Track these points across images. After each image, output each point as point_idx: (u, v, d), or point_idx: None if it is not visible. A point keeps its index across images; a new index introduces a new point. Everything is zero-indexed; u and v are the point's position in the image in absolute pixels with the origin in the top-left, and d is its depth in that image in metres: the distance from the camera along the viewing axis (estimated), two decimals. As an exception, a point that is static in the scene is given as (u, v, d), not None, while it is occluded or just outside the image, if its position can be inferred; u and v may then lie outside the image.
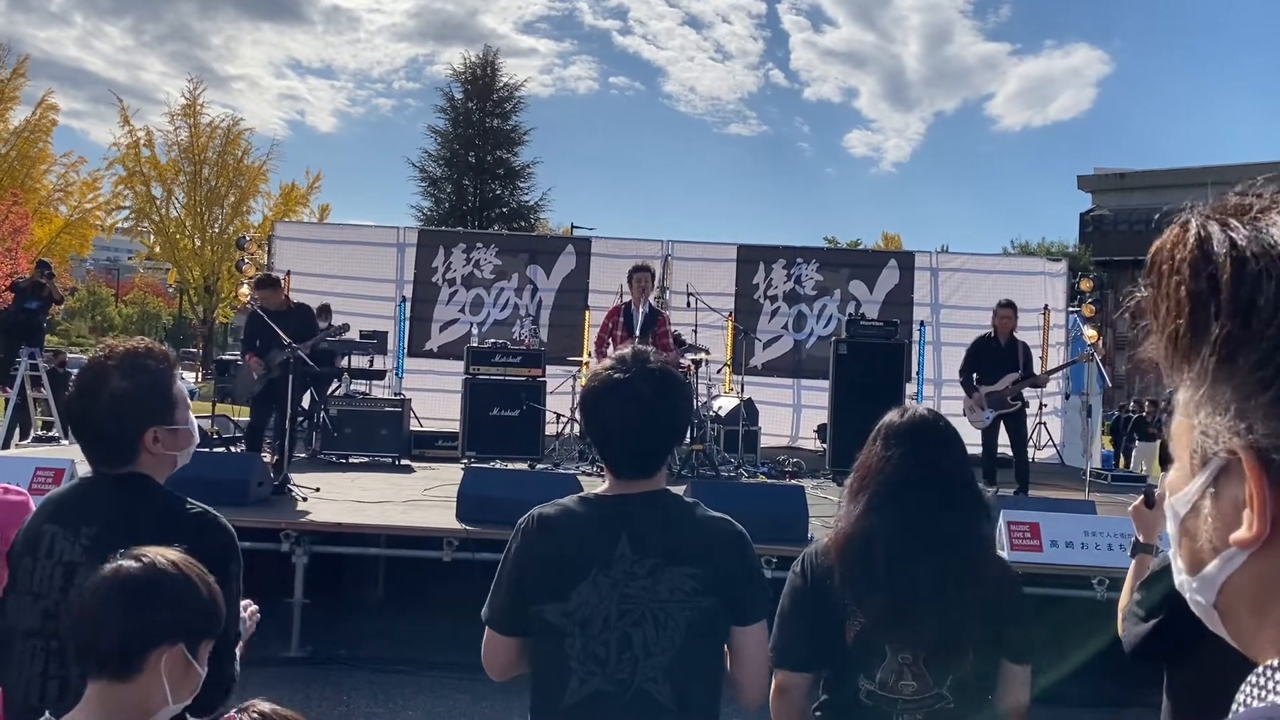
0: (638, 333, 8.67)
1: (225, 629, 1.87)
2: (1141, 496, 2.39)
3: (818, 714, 2.31)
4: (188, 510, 2.02)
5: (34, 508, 2.45)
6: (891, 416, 2.34)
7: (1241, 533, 0.62)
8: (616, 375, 2.01)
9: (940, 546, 2.15)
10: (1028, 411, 9.60)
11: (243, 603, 2.11)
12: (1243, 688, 0.63)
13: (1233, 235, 0.63)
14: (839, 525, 2.27)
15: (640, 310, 9.06)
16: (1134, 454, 19.20)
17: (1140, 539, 2.39)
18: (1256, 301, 0.60)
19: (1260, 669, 0.62)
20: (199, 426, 2.21)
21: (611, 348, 8.27)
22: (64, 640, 1.90)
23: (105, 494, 2.01)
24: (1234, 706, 0.63)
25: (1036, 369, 9.64)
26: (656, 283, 13.25)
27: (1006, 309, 8.99)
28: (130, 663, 1.60)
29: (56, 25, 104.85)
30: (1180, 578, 0.70)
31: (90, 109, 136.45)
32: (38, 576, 1.94)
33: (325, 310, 11.29)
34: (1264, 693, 0.61)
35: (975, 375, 8.97)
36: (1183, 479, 0.68)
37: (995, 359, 8.91)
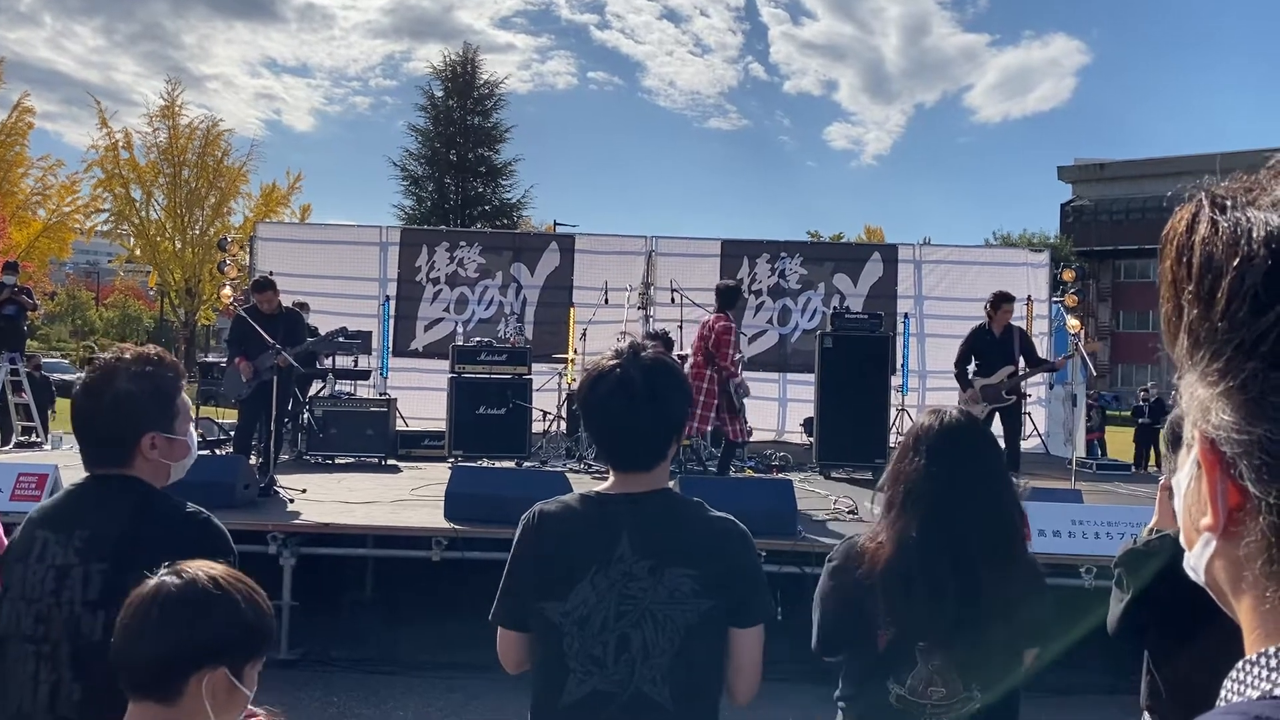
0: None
1: None
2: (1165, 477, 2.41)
3: (841, 705, 2.31)
4: (181, 511, 2.02)
5: None
6: (928, 423, 2.27)
7: (1206, 519, 0.62)
8: (609, 364, 2.01)
9: (983, 559, 2.13)
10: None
11: None
12: (1225, 682, 0.61)
13: (1216, 218, 0.61)
14: (880, 539, 2.20)
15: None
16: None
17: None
18: (1216, 290, 0.59)
19: (1240, 663, 0.60)
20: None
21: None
22: (55, 644, 1.89)
23: (98, 497, 2.01)
24: (1219, 700, 0.61)
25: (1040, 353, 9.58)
26: (641, 279, 13.27)
27: (1008, 304, 8.94)
28: (169, 685, 1.55)
29: (26, 26, 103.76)
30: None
31: (63, 110, 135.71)
32: (29, 581, 1.94)
33: (304, 308, 11.24)
34: (1243, 687, 0.59)
35: (974, 366, 8.96)
36: (1183, 460, 0.67)
37: (992, 350, 8.90)
